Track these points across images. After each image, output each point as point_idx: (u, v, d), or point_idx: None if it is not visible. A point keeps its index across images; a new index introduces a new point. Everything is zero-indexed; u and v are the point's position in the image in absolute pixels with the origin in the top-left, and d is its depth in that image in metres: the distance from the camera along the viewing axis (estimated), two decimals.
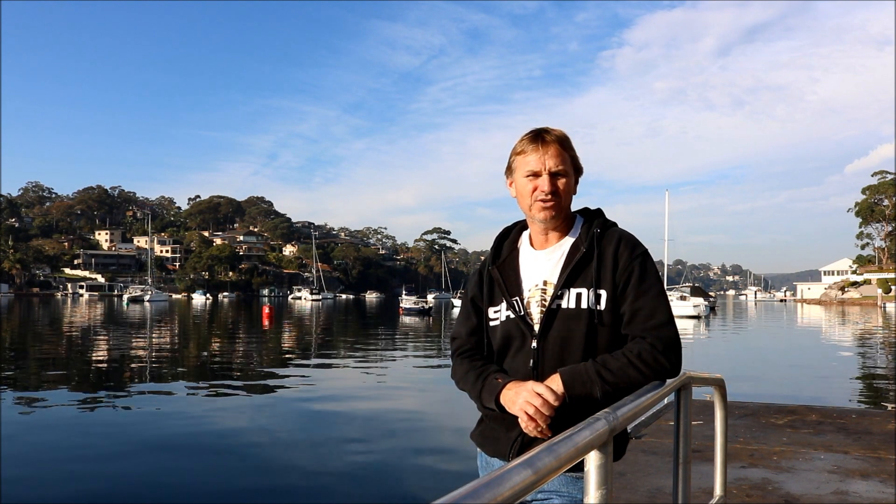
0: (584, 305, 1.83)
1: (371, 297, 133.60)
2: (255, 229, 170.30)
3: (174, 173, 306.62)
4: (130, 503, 6.69)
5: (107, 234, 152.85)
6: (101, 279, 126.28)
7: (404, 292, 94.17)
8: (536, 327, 1.87)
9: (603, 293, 1.83)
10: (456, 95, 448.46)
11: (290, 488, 7.02)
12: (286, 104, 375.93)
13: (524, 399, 1.72)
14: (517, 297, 1.92)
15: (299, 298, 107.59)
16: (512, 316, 1.90)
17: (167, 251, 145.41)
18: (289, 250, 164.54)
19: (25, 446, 8.77)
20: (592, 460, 1.26)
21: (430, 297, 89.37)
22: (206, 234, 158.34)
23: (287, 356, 21.60)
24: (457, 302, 70.67)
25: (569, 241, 1.94)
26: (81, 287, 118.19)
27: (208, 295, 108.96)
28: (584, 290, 1.84)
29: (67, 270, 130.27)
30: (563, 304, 1.85)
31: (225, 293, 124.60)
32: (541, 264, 1.94)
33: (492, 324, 1.96)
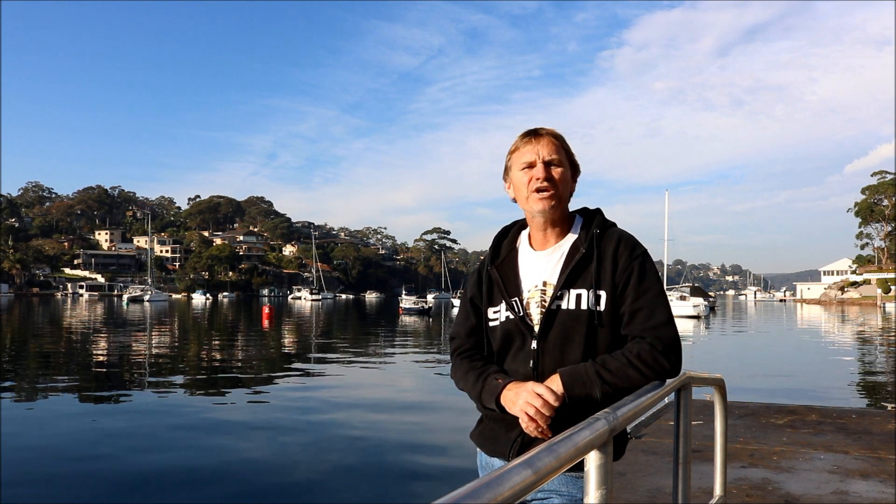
0: (583, 306, 1.83)
1: (371, 297, 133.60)
2: (255, 229, 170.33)
3: (174, 173, 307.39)
4: (130, 503, 6.69)
5: (107, 234, 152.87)
6: (101, 279, 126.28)
7: (404, 292, 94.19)
8: (536, 328, 1.86)
9: (603, 294, 1.83)
10: (455, 95, 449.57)
11: (290, 488, 7.02)
12: (285, 104, 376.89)
13: (524, 400, 1.72)
14: (516, 298, 1.91)
15: (299, 298, 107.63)
16: (511, 316, 1.90)
17: (167, 251, 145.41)
18: (289, 250, 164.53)
19: (24, 446, 8.76)
20: (592, 460, 1.26)
21: (429, 297, 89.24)
22: (205, 234, 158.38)
23: (287, 356, 21.59)
24: (456, 302, 70.64)
25: (568, 241, 1.94)
26: (81, 287, 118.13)
27: (208, 295, 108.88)
28: (583, 291, 1.84)
29: (67, 270, 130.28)
30: (563, 305, 1.84)
31: (225, 293, 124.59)
32: (540, 265, 1.94)
33: (491, 324, 1.96)
